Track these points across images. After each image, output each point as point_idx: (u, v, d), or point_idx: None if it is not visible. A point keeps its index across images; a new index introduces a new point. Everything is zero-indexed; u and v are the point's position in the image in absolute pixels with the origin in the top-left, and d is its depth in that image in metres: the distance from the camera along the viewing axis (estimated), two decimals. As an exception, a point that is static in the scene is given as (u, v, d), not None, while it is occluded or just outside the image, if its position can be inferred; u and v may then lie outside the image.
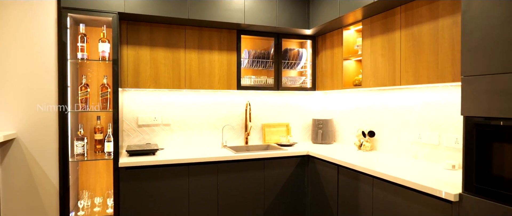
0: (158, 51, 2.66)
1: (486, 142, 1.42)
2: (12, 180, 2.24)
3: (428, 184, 1.65)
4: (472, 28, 1.47)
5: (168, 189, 2.41)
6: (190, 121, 3.04)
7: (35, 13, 2.26)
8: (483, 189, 1.42)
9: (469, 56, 1.48)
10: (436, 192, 1.60)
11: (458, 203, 1.52)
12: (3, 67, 2.21)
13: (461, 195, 1.52)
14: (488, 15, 1.40)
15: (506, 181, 1.33)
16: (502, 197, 1.34)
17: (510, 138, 1.32)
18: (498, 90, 1.36)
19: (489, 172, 1.40)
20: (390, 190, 1.90)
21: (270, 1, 2.80)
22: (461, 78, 1.51)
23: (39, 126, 2.29)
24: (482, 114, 1.43)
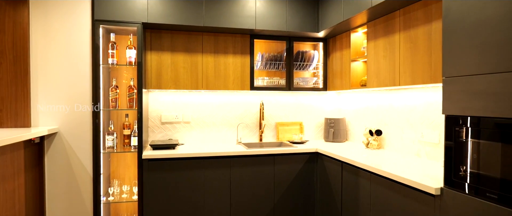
0: (178, 55, 2.96)
1: (463, 140, 1.51)
2: (55, 166, 2.63)
3: (414, 179, 1.76)
4: (450, 32, 1.56)
5: (185, 180, 2.69)
6: (208, 119, 3.30)
7: (73, 25, 2.64)
8: (461, 184, 1.52)
9: (449, 59, 1.58)
10: (420, 186, 1.70)
11: (440, 196, 1.62)
12: (47, 72, 2.60)
13: (442, 189, 1.61)
14: (463, 20, 1.49)
15: (481, 176, 1.42)
16: (477, 191, 1.43)
17: (483, 135, 1.41)
18: (472, 90, 1.45)
19: (466, 168, 1.50)
20: (385, 185, 2.01)
21: (280, 7, 2.98)
22: (442, 79, 1.61)
23: (77, 122, 2.66)
24: (459, 113, 1.52)
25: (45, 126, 2.58)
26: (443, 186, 1.61)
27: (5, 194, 2.07)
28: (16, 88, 2.50)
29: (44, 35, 2.59)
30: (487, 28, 1.38)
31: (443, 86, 1.61)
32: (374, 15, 2.45)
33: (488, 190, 1.38)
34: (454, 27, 1.55)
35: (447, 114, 1.59)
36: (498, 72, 1.32)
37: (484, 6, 1.39)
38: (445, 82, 1.60)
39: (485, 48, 1.39)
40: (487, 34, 1.37)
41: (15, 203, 2.20)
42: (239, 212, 2.82)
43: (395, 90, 2.69)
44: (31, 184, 2.43)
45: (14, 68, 2.49)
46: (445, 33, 1.60)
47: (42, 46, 2.58)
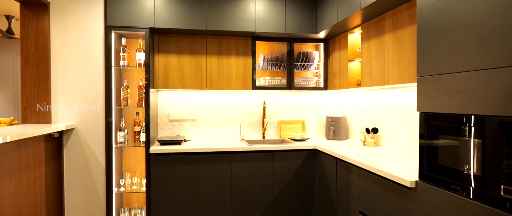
0: (184, 57, 3.16)
1: (433, 135, 1.60)
2: (72, 158, 2.90)
3: (394, 173, 1.85)
4: (423, 33, 1.66)
5: (189, 173, 2.89)
6: (213, 117, 3.49)
7: (88, 31, 2.89)
8: (432, 177, 1.61)
9: (422, 59, 1.67)
10: (398, 179, 1.80)
11: (415, 189, 1.71)
12: (66, 73, 2.88)
13: (417, 182, 1.71)
14: (434, 22, 1.58)
15: (448, 169, 1.51)
16: (445, 183, 1.52)
17: (450, 131, 1.50)
18: (441, 88, 1.54)
19: (436, 162, 1.59)
20: (372, 179, 2.11)
21: (280, 10, 3.12)
22: (417, 78, 1.70)
23: (91, 119, 2.92)
24: (430, 110, 1.61)
25: (63, 122, 2.85)
26: (418, 180, 1.70)
27: (27, 181, 2.34)
28: (38, 89, 2.79)
29: (63, 41, 2.86)
30: (453, 30, 1.47)
31: (417, 84, 1.70)
32: (367, 16, 2.55)
33: (452, 182, 1.47)
34: (426, 29, 1.64)
35: (421, 111, 1.68)
36: (462, 71, 1.41)
37: (451, 9, 1.48)
38: (419, 81, 1.69)
39: (451, 49, 1.48)
40: (453, 35, 1.46)
41: (37, 190, 2.47)
42: (240, 204, 2.99)
43: (390, 89, 2.77)
44: (51, 174, 2.70)
45: (37, 70, 2.77)
46: (419, 35, 1.69)
47: (61, 50, 2.86)
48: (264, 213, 3.05)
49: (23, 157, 2.28)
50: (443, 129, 1.54)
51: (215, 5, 3.00)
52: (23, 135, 2.10)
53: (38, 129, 2.33)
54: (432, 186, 1.59)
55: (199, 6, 2.97)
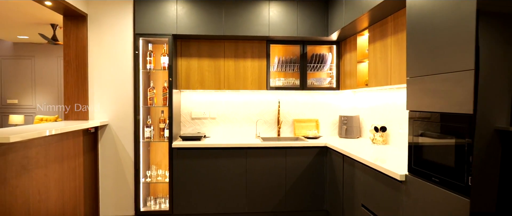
0: (204, 60, 3.44)
1: (419, 132, 1.73)
2: (106, 151, 3.28)
3: (388, 168, 1.99)
4: (412, 38, 1.79)
5: (207, 166, 3.16)
6: (231, 116, 3.75)
7: (119, 38, 3.26)
8: (418, 170, 1.74)
9: (410, 61, 1.80)
10: (390, 173, 1.94)
11: (405, 182, 1.85)
12: (100, 76, 3.26)
13: (406, 176, 1.84)
14: (419, 28, 1.72)
15: (430, 163, 1.64)
16: (427, 176, 1.65)
17: (431, 128, 1.63)
18: (425, 89, 1.67)
19: (421, 157, 1.72)
20: (371, 174, 2.25)
21: (292, 15, 3.31)
22: (406, 79, 1.84)
23: (122, 116, 3.28)
24: (416, 109, 1.75)
25: (98, 119, 3.23)
26: (407, 173, 1.84)
27: (68, 169, 2.72)
28: (78, 90, 3.19)
29: (98, 47, 3.25)
30: (434, 34, 1.60)
31: (406, 85, 1.84)
32: (373, 19, 2.67)
33: (433, 174, 1.60)
34: (414, 33, 1.77)
35: (410, 110, 1.82)
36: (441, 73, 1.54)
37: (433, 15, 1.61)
38: (408, 82, 1.83)
39: (433, 52, 1.61)
40: (434, 39, 1.59)
41: (76, 177, 2.85)
42: (254, 196, 3.22)
43: (397, 89, 2.86)
44: (88, 164, 3.09)
45: (77, 74, 3.18)
46: (408, 39, 1.83)
47: (96, 56, 3.25)
48: (276, 205, 3.25)
49: (65, 148, 2.67)
50: (425, 126, 1.67)
51: (231, 12, 3.26)
52: (65, 129, 2.47)
53: (77, 124, 2.70)
54: (418, 179, 1.72)
55: (217, 13, 3.24)
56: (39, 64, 7.13)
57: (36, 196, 2.27)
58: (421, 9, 1.71)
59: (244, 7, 3.27)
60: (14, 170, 2.02)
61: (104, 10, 3.22)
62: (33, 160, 2.23)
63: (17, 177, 2.06)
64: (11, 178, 2.00)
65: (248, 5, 3.27)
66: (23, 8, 4.46)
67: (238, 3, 3.26)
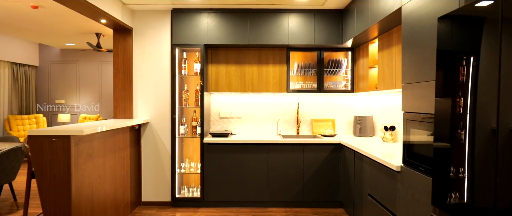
0: (230, 66, 3.89)
1: (410, 129, 2.07)
2: (147, 145, 3.81)
3: (387, 160, 2.33)
4: (405, 50, 2.13)
5: (234, 160, 3.61)
6: (255, 115, 4.18)
7: (159, 48, 3.77)
8: (410, 162, 2.07)
9: (405, 70, 2.14)
10: (389, 164, 2.28)
11: (400, 172, 2.18)
12: (143, 81, 3.79)
13: (401, 166, 2.17)
14: (410, 41, 2.05)
15: (418, 155, 1.97)
16: (416, 166, 1.99)
17: (418, 126, 1.96)
18: (414, 93, 2.01)
19: (413, 150, 2.05)
20: (376, 166, 2.59)
21: (309, 25, 3.68)
22: (402, 85, 2.18)
23: (161, 115, 3.80)
24: (408, 110, 2.08)
25: (141, 118, 3.77)
26: (402, 165, 2.17)
27: (119, 159, 3.26)
28: (124, 92, 3.74)
29: (141, 56, 3.78)
30: (420, 48, 1.93)
31: (402, 90, 2.18)
32: (381, 30, 2.99)
33: (420, 165, 1.93)
34: (407, 48, 2.11)
35: (404, 111, 2.15)
36: (425, 81, 1.88)
37: (420, 32, 1.94)
38: (403, 87, 2.16)
39: (420, 63, 1.94)
40: (420, 53, 1.93)
41: (124, 165, 3.39)
42: (275, 187, 3.62)
43: (404, 92, 3.16)
44: (133, 155, 3.63)
45: (124, 78, 3.73)
46: (403, 51, 2.16)
47: (140, 63, 3.78)
48: (295, 196, 3.64)
49: (117, 141, 3.20)
50: (414, 124, 2.00)
51: (255, 24, 3.68)
52: (118, 126, 3.00)
53: (126, 122, 3.24)
54: (409, 169, 2.06)
55: (242, 25, 3.68)
56: (83, 68, 7.92)
57: (97, 179, 2.80)
58: (411, 28, 2.05)
59: (266, 19, 3.69)
60: (83, 157, 2.56)
61: (146, 24, 3.75)
62: (96, 150, 2.77)
63: (85, 163, 2.59)
64: (81, 164, 2.53)
65: (270, 17, 3.69)
66: (75, 20, 5.13)
67: (261, 15, 3.68)
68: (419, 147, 1.95)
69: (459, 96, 1.44)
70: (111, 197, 3.10)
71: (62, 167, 2.34)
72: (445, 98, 1.56)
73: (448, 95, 1.53)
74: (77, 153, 2.46)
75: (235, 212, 3.54)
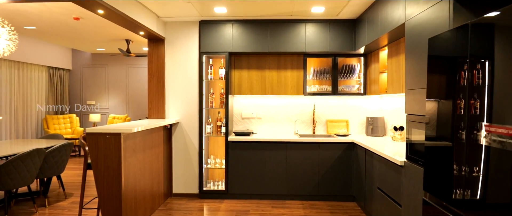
0: (252, 71, 4.28)
1: (411, 129, 2.38)
2: (177, 143, 4.24)
3: (394, 156, 2.65)
4: (408, 60, 2.45)
5: (255, 157, 3.99)
6: (274, 116, 4.54)
7: (188, 55, 4.20)
8: (412, 158, 2.39)
9: (408, 78, 2.46)
10: (394, 160, 2.59)
11: (404, 166, 2.50)
12: (175, 85, 4.22)
13: (405, 162, 2.49)
14: (411, 53, 2.37)
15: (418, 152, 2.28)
16: (416, 161, 2.30)
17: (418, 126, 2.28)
18: (415, 98, 2.32)
19: (414, 147, 2.37)
20: (383, 162, 2.90)
21: (324, 34, 4.02)
22: (405, 91, 2.49)
23: (189, 116, 4.22)
24: (410, 112, 2.40)
25: (172, 118, 4.20)
26: (405, 160, 2.49)
27: (155, 155, 3.70)
28: (157, 95, 4.19)
29: (172, 63, 4.22)
30: (417, 60, 2.25)
31: (405, 95, 2.49)
32: (390, 39, 3.30)
33: (419, 159, 2.25)
34: (409, 58, 2.43)
35: (407, 113, 2.47)
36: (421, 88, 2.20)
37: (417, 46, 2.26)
38: (406, 93, 2.48)
39: (418, 73, 2.26)
40: (418, 64, 2.25)
41: (159, 160, 3.83)
42: (292, 181, 3.98)
43: (412, 95, 3.45)
44: (166, 152, 4.07)
45: (157, 83, 4.18)
46: (406, 61, 2.48)
47: (171, 69, 4.22)
48: (311, 190, 3.99)
49: (153, 139, 3.64)
50: (414, 124, 2.32)
51: (275, 33, 4.05)
52: (155, 125, 3.43)
53: (161, 122, 3.67)
54: (411, 164, 2.38)
55: (263, 34, 4.05)
56: (111, 71, 8.50)
57: (138, 171, 3.25)
58: (412, 42, 2.37)
59: (285, 28, 4.05)
60: (128, 151, 3.00)
61: (177, 34, 4.19)
62: (138, 146, 3.21)
63: (130, 157, 3.03)
64: (128, 157, 2.97)
65: (288, 27, 4.05)
66: (109, 29, 5.64)
67: (280, 25, 4.05)
68: (418, 144, 2.27)
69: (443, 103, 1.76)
70: (149, 188, 3.54)
71: (114, 159, 2.79)
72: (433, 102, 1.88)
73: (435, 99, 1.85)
74: (125, 148, 2.90)
75: (256, 204, 3.92)
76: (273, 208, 3.77)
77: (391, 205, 2.73)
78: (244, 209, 3.73)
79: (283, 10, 3.74)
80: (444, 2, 1.95)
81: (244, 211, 3.67)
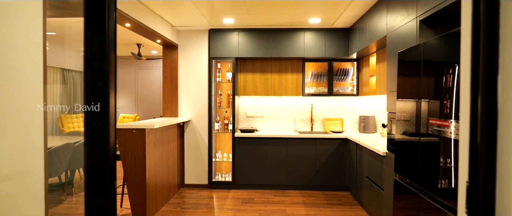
0: (256, 75, 4.75)
1: (391, 125, 2.85)
2: (189, 139, 4.72)
3: (377, 148, 3.11)
4: (389, 67, 2.92)
5: (259, 151, 4.46)
6: (276, 115, 5.02)
7: (198, 60, 4.68)
8: (390, 149, 2.86)
9: (388, 82, 2.93)
10: (378, 151, 3.07)
11: (385, 156, 2.97)
12: (186, 87, 4.70)
13: (386, 152, 2.96)
14: (391, 63, 2.84)
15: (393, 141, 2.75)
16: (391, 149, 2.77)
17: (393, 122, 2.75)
18: (392, 99, 2.79)
19: (393, 139, 2.84)
20: (370, 153, 3.37)
21: (321, 41, 4.49)
22: (387, 92, 2.97)
23: (199, 114, 4.70)
24: (390, 111, 2.87)
25: (184, 116, 4.68)
26: (386, 151, 2.96)
27: (170, 149, 4.17)
28: (171, 96, 4.66)
29: (184, 67, 4.70)
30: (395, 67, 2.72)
31: (387, 96, 2.97)
32: (378, 47, 3.77)
33: (392, 148, 2.72)
34: (389, 64, 2.90)
35: (388, 112, 2.94)
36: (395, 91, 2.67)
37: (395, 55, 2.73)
38: (388, 94, 2.95)
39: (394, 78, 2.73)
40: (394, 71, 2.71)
41: (173, 154, 4.31)
42: (292, 173, 4.45)
43: (397, 96, 3.92)
44: (179, 147, 4.54)
45: (171, 85, 4.65)
46: (387, 67, 2.95)
47: (183, 73, 4.70)
48: (309, 181, 4.45)
49: (169, 135, 4.12)
50: (392, 120, 2.79)
51: (277, 40, 4.53)
52: (171, 122, 3.91)
53: (175, 120, 4.15)
54: (390, 153, 2.85)
55: (266, 41, 4.53)
56: (121, 73, 8.99)
57: (158, 163, 3.72)
58: (391, 52, 2.84)
59: (285, 36, 4.52)
60: (150, 145, 3.47)
61: (189, 41, 4.67)
62: (158, 141, 3.69)
63: (151, 150, 3.51)
64: (150, 150, 3.45)
65: (288, 35, 4.52)
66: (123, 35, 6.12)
67: (281, 33, 4.52)
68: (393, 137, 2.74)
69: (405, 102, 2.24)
70: (165, 178, 4.02)
71: (140, 151, 3.27)
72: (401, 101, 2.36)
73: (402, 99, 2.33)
74: (148, 142, 3.37)
75: (260, 193, 4.39)
76: (275, 197, 4.24)
77: (376, 190, 3.20)
78: (249, 197, 4.21)
79: (284, 20, 4.21)
80: (413, 22, 2.43)
81: (249, 199, 4.14)
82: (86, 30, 1.05)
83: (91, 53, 1.05)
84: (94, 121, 1.04)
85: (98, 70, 1.06)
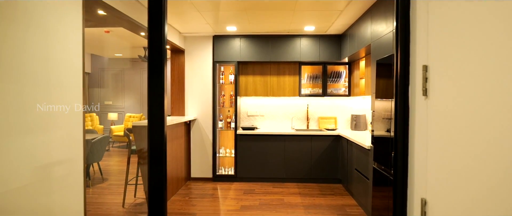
0: (256, 77, 5.17)
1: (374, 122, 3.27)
2: (195, 136, 5.14)
3: (363, 142, 3.53)
4: (373, 71, 3.34)
5: (259, 147, 4.88)
6: (274, 114, 5.44)
7: (203, 64, 5.09)
8: (374, 143, 3.28)
9: (372, 84, 3.35)
10: (364, 145, 3.48)
11: (370, 149, 3.39)
12: (192, 88, 5.12)
13: (370, 146, 3.38)
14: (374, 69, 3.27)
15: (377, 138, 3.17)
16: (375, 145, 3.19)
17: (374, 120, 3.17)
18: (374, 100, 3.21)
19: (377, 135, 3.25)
20: (358, 148, 3.79)
21: (315, 46, 4.91)
22: (371, 93, 3.38)
23: (204, 113, 5.12)
24: (373, 110, 3.29)
25: (191, 115, 5.10)
26: (371, 145, 3.38)
27: (178, 145, 4.59)
28: (178, 96, 5.08)
29: (191, 70, 5.12)
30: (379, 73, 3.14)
31: (371, 97, 3.39)
32: (366, 52, 4.18)
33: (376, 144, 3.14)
34: (373, 68, 3.32)
35: (372, 110, 3.36)
36: (380, 92, 3.09)
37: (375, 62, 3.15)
38: (372, 95, 3.37)
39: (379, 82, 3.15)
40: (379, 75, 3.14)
41: (182, 149, 4.73)
42: (290, 167, 4.87)
43: (384, 96, 4.34)
44: (186, 143, 4.96)
45: (178, 86, 5.07)
46: (371, 71, 3.37)
47: (190, 76, 5.12)
48: (305, 174, 4.88)
49: (177, 132, 4.54)
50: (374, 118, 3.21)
51: (275, 45, 4.95)
52: (180, 120, 4.32)
53: (183, 118, 4.57)
54: (372, 147, 3.27)
55: (265, 46, 4.95)
56: (127, 74, 9.41)
57: (168, 157, 4.14)
58: (374, 58, 3.26)
59: (283, 41, 4.94)
60: (162, 140, 3.89)
61: (194, 46, 5.09)
62: (168, 137, 4.11)
63: (163, 144, 3.92)
64: (162, 144, 3.86)
65: (286, 41, 4.94)
66: (131, 39, 6.54)
67: (279, 39, 4.94)
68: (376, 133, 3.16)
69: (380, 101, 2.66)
70: (175, 171, 4.43)
71: (154, 145, 3.68)
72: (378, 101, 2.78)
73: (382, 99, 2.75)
74: (161, 138, 3.79)
75: (260, 185, 4.81)
76: (274, 188, 4.66)
77: (363, 180, 3.62)
78: (250, 188, 4.63)
79: (282, 28, 4.63)
80: (390, 34, 2.85)
81: (250, 190, 4.57)
82: (150, 41, 1.49)
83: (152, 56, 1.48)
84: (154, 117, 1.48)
85: (157, 68, 1.50)
